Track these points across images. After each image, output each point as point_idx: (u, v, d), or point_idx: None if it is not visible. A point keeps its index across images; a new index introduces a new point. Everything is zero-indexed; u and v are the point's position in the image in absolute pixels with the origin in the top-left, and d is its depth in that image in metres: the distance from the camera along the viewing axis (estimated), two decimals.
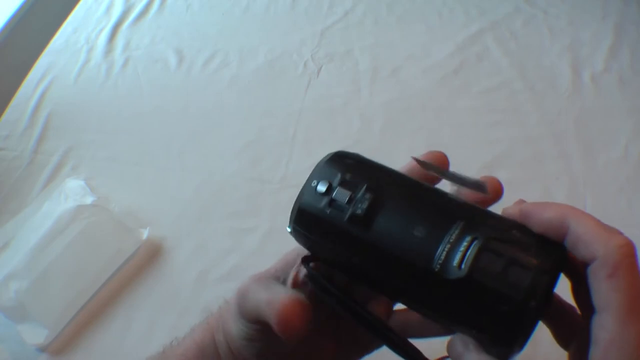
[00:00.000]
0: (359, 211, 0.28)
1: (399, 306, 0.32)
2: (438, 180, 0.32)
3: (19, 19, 1.12)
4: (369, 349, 0.37)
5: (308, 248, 0.32)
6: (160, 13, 0.99)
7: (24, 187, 0.73)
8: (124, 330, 0.60)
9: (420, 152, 0.32)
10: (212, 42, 0.93)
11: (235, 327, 0.33)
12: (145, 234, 0.66)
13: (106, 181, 0.74)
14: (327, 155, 0.32)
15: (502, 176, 0.31)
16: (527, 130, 0.78)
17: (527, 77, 0.84)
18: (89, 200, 0.68)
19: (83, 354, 0.58)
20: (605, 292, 0.23)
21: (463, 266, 0.25)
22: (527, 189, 0.70)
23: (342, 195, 0.29)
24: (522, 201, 0.28)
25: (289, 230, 0.32)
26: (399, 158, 0.33)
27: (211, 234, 0.68)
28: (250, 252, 0.65)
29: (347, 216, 0.29)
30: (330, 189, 0.30)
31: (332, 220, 0.29)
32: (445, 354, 0.29)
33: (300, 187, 0.31)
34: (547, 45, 0.90)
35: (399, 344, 0.29)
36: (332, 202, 0.29)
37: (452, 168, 0.32)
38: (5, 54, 1.09)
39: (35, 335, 0.58)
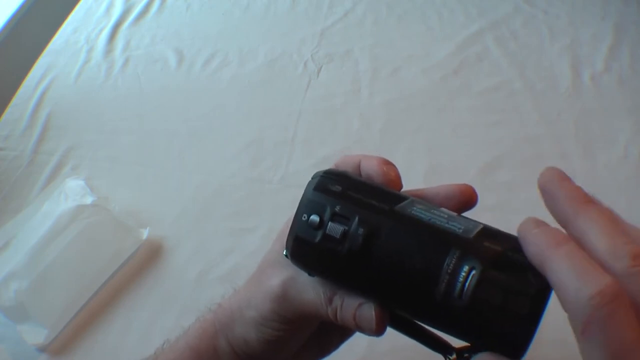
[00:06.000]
0: (354, 248, 0.29)
1: None
2: None
3: (19, 19, 1.13)
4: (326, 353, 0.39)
5: (307, 272, 0.33)
6: (160, 13, 0.99)
7: (24, 187, 0.73)
8: (124, 330, 0.60)
9: (420, 152, 0.32)
10: (212, 42, 0.93)
11: (257, 331, 0.34)
12: (145, 234, 0.66)
13: (106, 181, 0.74)
14: (314, 178, 0.32)
15: (502, 176, 0.31)
16: (527, 130, 0.77)
17: (527, 77, 0.84)
18: (89, 200, 0.68)
19: (83, 354, 0.58)
20: (582, 351, 0.21)
21: (464, 297, 0.26)
22: (527, 189, 0.70)
23: (335, 230, 0.29)
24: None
25: (285, 254, 0.32)
26: (399, 158, 0.33)
27: (211, 234, 0.68)
28: (250, 252, 0.65)
29: (344, 251, 0.29)
30: (322, 223, 0.30)
31: (329, 254, 0.30)
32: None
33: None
34: (547, 45, 0.90)
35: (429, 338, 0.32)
36: (326, 237, 0.29)
37: (453, 168, 0.32)
38: (5, 54, 1.09)
39: (35, 335, 0.58)
